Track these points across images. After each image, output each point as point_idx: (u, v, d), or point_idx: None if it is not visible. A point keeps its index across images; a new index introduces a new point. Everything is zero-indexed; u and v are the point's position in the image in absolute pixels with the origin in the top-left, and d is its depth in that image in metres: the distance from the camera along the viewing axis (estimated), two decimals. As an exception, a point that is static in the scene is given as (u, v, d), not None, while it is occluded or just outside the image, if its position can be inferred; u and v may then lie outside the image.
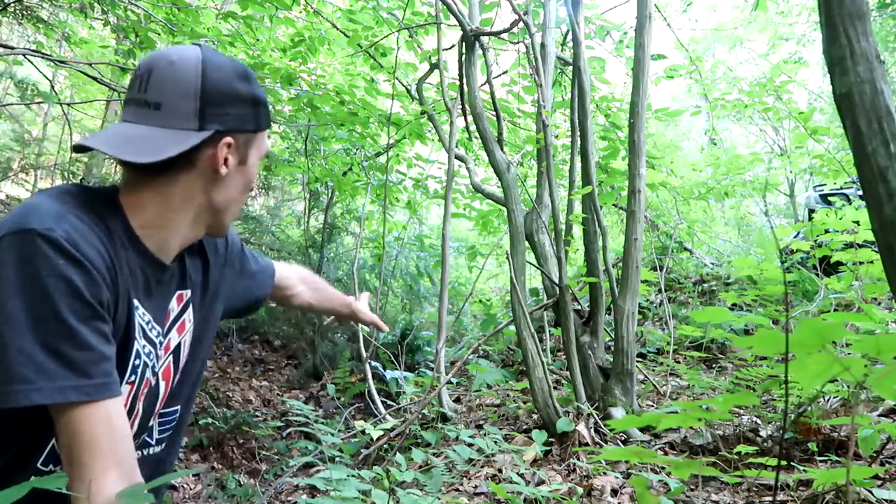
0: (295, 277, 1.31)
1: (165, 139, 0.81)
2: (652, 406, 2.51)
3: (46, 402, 0.69)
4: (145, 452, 0.94)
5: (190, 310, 0.97)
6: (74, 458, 0.71)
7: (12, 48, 3.99)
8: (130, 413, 0.85)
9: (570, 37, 3.21)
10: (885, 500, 1.28)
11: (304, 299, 1.33)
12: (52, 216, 0.74)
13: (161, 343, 0.90)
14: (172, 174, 0.84)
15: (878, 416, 1.89)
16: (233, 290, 1.11)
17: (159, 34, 3.96)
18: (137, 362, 0.84)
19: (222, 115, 0.84)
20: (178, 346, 0.95)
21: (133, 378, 0.83)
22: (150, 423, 0.93)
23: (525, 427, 2.36)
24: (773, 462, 1.32)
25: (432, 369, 3.07)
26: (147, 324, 0.87)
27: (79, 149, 0.80)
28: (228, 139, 0.85)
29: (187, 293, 0.97)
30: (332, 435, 1.35)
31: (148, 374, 0.87)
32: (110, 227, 0.81)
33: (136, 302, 0.84)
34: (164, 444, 0.98)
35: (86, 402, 0.71)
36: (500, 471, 1.89)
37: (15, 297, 0.70)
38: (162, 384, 0.92)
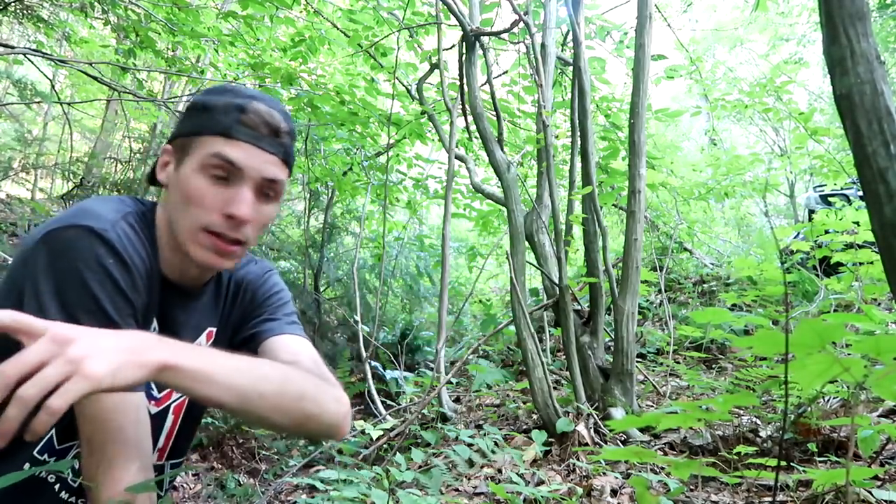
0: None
1: None
2: (652, 406, 2.51)
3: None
4: None
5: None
6: (98, 447, 0.72)
7: (12, 47, 3.99)
8: None
9: (570, 37, 3.20)
10: (885, 501, 1.28)
11: None
12: (108, 220, 0.77)
13: None
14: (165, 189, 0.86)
15: (878, 416, 1.88)
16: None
17: (160, 34, 3.96)
18: None
19: (179, 123, 0.86)
20: None
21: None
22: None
23: (525, 427, 2.36)
24: (773, 462, 1.32)
25: (432, 369, 3.06)
26: None
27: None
28: (168, 146, 0.86)
29: (215, 331, 0.98)
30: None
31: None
32: (151, 241, 0.85)
33: (154, 322, 0.86)
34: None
35: (117, 394, 0.73)
36: (499, 471, 1.89)
37: (64, 286, 0.72)
38: (170, 417, 0.92)
